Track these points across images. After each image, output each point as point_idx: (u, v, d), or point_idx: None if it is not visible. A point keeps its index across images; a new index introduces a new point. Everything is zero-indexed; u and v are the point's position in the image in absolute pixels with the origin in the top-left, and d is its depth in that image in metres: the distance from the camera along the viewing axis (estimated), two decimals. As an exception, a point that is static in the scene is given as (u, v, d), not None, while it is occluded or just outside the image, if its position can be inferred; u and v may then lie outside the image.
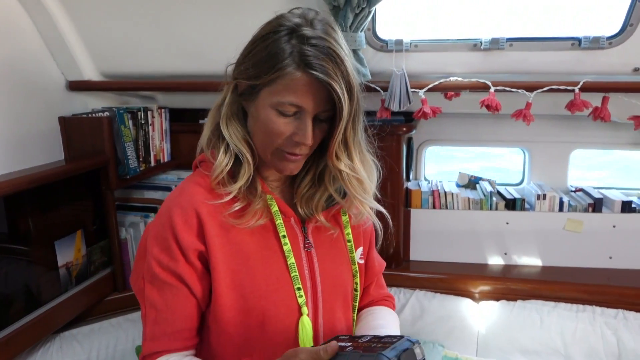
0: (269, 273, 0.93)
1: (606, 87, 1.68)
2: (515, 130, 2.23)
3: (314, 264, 0.98)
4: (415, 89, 1.74)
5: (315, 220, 1.00)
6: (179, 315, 0.93)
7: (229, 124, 0.94)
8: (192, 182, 0.98)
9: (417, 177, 2.41)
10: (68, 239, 1.68)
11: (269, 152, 0.92)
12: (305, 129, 0.88)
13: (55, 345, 1.71)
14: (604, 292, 1.92)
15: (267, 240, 0.95)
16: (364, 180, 0.96)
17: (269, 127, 0.89)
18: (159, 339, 0.92)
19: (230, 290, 0.92)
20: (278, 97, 0.86)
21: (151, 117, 2.01)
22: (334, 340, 0.81)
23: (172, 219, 0.92)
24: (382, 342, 0.79)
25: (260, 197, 0.95)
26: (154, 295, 0.93)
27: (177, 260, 0.91)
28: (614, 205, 2.09)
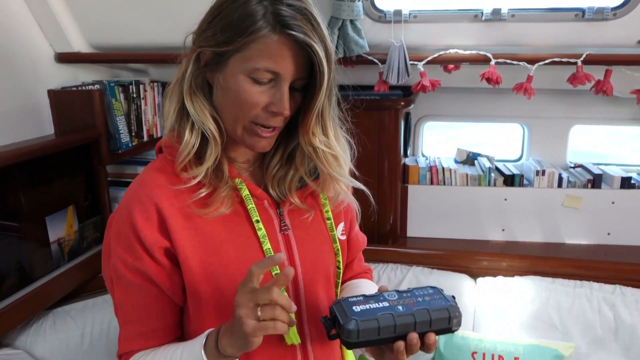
0: (243, 261, 0.86)
1: (609, 60, 1.64)
2: (515, 106, 2.19)
3: (292, 247, 0.92)
4: (414, 61, 1.70)
5: (289, 202, 0.93)
6: (150, 314, 0.87)
7: (193, 99, 0.85)
8: (153, 169, 0.90)
9: (415, 153, 2.38)
10: (59, 215, 1.65)
11: (240, 127, 0.84)
12: (282, 98, 0.81)
13: (48, 321, 1.69)
14: (601, 268, 1.91)
15: (240, 227, 0.88)
16: (340, 157, 0.90)
17: (241, 97, 0.81)
18: (133, 339, 0.88)
19: (204, 284, 0.86)
20: (251, 62, 0.79)
21: (143, 90, 1.96)
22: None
23: (132, 216, 0.84)
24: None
25: (227, 183, 0.87)
26: (122, 295, 0.88)
27: (142, 259, 0.84)
28: (614, 181, 2.07)
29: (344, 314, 0.74)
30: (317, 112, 0.84)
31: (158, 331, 0.88)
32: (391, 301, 0.77)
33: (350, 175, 0.94)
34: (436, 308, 0.77)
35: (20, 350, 1.60)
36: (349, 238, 1.06)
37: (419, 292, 0.81)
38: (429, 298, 0.79)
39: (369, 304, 0.76)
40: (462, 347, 1.80)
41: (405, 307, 0.76)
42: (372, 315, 0.74)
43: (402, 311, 0.75)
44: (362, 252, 1.15)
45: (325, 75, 0.79)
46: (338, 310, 0.76)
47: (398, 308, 0.76)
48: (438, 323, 0.76)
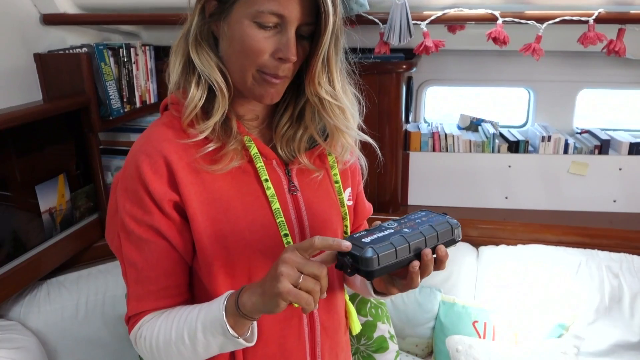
0: (252, 220, 0.85)
1: (623, 18, 1.56)
2: (521, 69, 2.12)
3: (300, 208, 0.90)
4: (416, 21, 1.61)
5: (298, 162, 0.91)
6: (161, 271, 0.85)
7: (199, 51, 0.83)
8: (159, 124, 0.88)
9: (416, 119, 2.31)
10: (50, 184, 1.60)
11: (249, 77, 0.81)
12: (288, 43, 0.78)
13: (42, 291, 1.66)
14: (607, 235, 1.88)
15: (249, 186, 0.86)
16: (346, 109, 0.87)
17: (246, 44, 0.78)
18: (144, 298, 0.85)
19: (213, 242, 0.84)
20: (256, 6, 0.76)
21: (134, 54, 1.88)
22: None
23: (140, 169, 0.82)
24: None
25: (236, 138, 0.85)
26: (132, 252, 0.85)
27: (152, 213, 0.83)
28: (621, 147, 2.02)
29: (357, 246, 0.72)
30: (323, 58, 0.80)
31: (170, 289, 0.86)
32: (394, 227, 0.78)
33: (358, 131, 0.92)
34: (437, 223, 0.78)
35: (14, 322, 1.58)
36: (355, 204, 1.05)
37: (414, 216, 0.82)
38: (425, 218, 0.80)
39: (375, 234, 0.76)
40: (463, 315, 1.78)
41: (410, 229, 0.77)
42: (384, 240, 0.73)
43: (409, 232, 0.76)
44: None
45: (331, 17, 0.76)
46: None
47: (404, 230, 0.76)
48: (444, 236, 0.78)
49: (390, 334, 1.71)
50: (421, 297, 1.82)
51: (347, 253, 0.73)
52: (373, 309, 1.70)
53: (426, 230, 0.76)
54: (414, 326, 1.84)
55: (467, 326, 1.77)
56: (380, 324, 1.69)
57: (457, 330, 1.77)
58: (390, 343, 1.70)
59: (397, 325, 1.83)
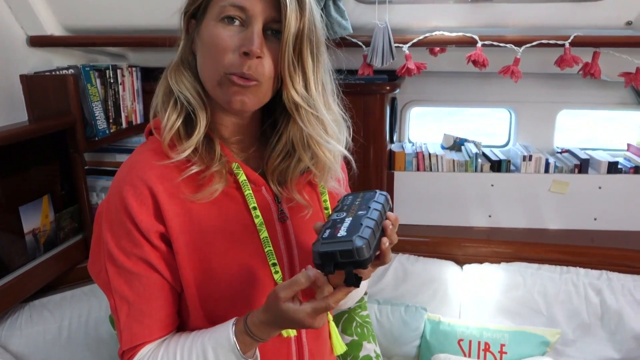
0: (239, 250, 0.84)
1: (597, 42, 1.61)
2: (501, 90, 2.17)
3: (290, 237, 0.89)
4: (399, 43, 1.65)
5: (288, 195, 0.89)
6: (154, 304, 0.83)
7: (176, 72, 0.84)
8: (143, 150, 0.86)
9: (401, 139, 2.35)
10: (34, 205, 1.59)
11: (217, 80, 0.79)
12: (251, 36, 0.76)
13: (24, 314, 1.64)
14: (588, 253, 1.90)
15: (237, 213, 0.85)
16: (326, 122, 0.84)
17: (213, 43, 0.78)
18: (138, 332, 0.83)
19: (199, 274, 0.83)
20: (220, 2, 0.78)
21: (121, 76, 1.89)
22: (309, 266, 0.76)
23: (125, 201, 0.80)
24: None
25: (220, 160, 0.83)
26: (122, 287, 0.82)
27: (141, 245, 0.81)
28: (600, 166, 2.06)
29: (338, 243, 0.70)
30: (290, 57, 0.78)
31: (162, 321, 0.84)
32: (347, 215, 0.76)
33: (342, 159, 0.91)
34: (375, 198, 0.79)
35: (-5, 345, 1.56)
36: None
37: (348, 202, 0.81)
38: (361, 199, 0.81)
39: (340, 227, 0.73)
40: (449, 334, 1.78)
41: (362, 210, 0.77)
42: (358, 226, 0.72)
43: (366, 213, 0.75)
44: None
45: (288, 11, 0.75)
46: (329, 247, 0.71)
47: (360, 213, 0.76)
48: (387, 206, 0.80)
49: (376, 353, 1.71)
50: (407, 316, 1.83)
51: (329, 256, 0.70)
52: (359, 328, 1.70)
53: (374, 205, 0.77)
54: (400, 345, 1.84)
55: (453, 344, 1.77)
56: (366, 344, 1.69)
57: (442, 348, 1.78)
58: (376, 362, 1.70)
59: (383, 344, 1.83)
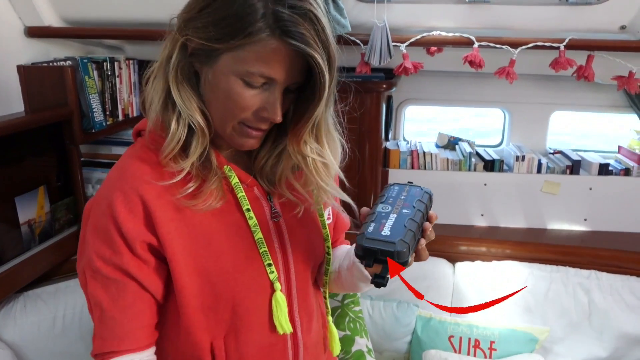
0: (235, 252, 0.84)
1: (592, 45, 1.64)
2: (496, 91, 2.19)
3: (283, 235, 0.90)
4: (396, 43, 1.66)
5: (279, 193, 0.90)
6: (128, 314, 0.81)
7: (181, 90, 0.78)
8: (134, 158, 0.84)
9: (396, 137, 2.36)
10: (29, 195, 1.59)
11: (229, 127, 0.80)
12: (274, 104, 0.76)
13: (19, 304, 1.64)
14: (577, 253, 1.93)
15: (230, 216, 0.84)
16: (329, 164, 0.84)
17: (231, 99, 0.76)
18: (108, 339, 0.81)
19: (194, 278, 0.81)
20: (246, 66, 0.73)
21: (118, 68, 1.89)
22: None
23: (113, 207, 0.78)
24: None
25: (216, 174, 0.83)
26: (97, 291, 0.81)
27: (122, 254, 0.79)
28: (592, 167, 2.09)
29: (383, 242, 0.74)
30: (312, 123, 0.79)
31: (136, 331, 0.82)
32: (393, 210, 0.80)
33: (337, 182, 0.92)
34: (420, 196, 0.82)
35: (-11, 334, 1.56)
36: (334, 219, 1.05)
37: (394, 193, 0.84)
38: (406, 194, 0.84)
39: (384, 222, 0.77)
40: (440, 331, 1.81)
41: (407, 208, 0.79)
42: (401, 227, 0.76)
43: (410, 212, 0.78)
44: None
45: (326, 85, 0.74)
46: (372, 244, 0.75)
47: (404, 211, 0.78)
48: (429, 206, 0.84)
49: (368, 348, 1.73)
50: (398, 312, 1.85)
51: (371, 252, 0.74)
52: (351, 323, 1.72)
53: (419, 205, 0.80)
54: (391, 340, 1.86)
55: (444, 341, 1.80)
56: (358, 338, 1.71)
57: (433, 344, 1.80)
58: (368, 357, 1.72)
59: (375, 339, 1.85)
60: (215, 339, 0.86)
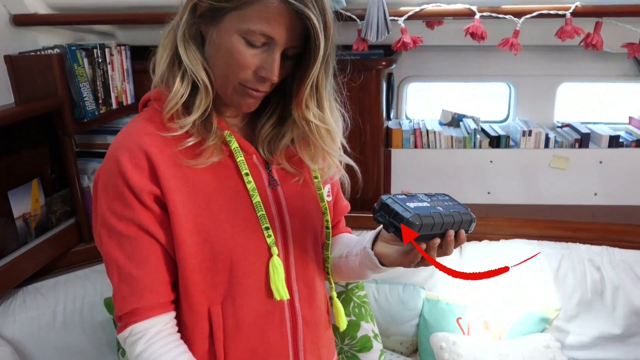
0: (233, 214, 0.86)
1: (600, 12, 1.56)
2: (501, 64, 2.12)
3: (281, 202, 0.92)
4: (394, 17, 1.60)
5: (278, 162, 0.94)
6: (145, 268, 0.83)
7: (187, 48, 0.83)
8: (139, 119, 0.88)
9: (398, 116, 2.30)
10: (23, 189, 1.56)
11: (230, 86, 0.84)
12: (272, 64, 0.80)
13: (18, 299, 1.62)
14: (588, 229, 1.88)
15: (229, 179, 0.88)
16: (332, 131, 0.89)
17: (233, 57, 0.80)
18: (127, 297, 0.83)
19: (193, 235, 0.83)
20: (248, 23, 0.78)
21: (109, 55, 1.84)
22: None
23: (120, 163, 0.82)
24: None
25: (215, 134, 0.86)
26: (113, 250, 0.83)
27: (133, 207, 0.82)
28: (601, 140, 2.03)
29: (403, 208, 0.77)
30: (312, 84, 0.83)
31: (155, 286, 0.84)
32: (429, 202, 0.81)
33: (341, 148, 0.94)
34: (463, 212, 0.82)
35: (-11, 331, 1.54)
36: (334, 200, 1.06)
37: (441, 197, 0.86)
38: (452, 203, 0.85)
39: (416, 202, 0.80)
40: (447, 313, 1.77)
41: (444, 208, 0.81)
42: (427, 212, 0.78)
43: (443, 211, 0.79)
44: (346, 219, 1.14)
45: (321, 47, 0.78)
46: (392, 204, 0.79)
47: (439, 208, 0.80)
48: (464, 224, 0.83)
49: (374, 332, 1.70)
50: (405, 295, 1.82)
51: (392, 210, 0.77)
52: (357, 308, 1.69)
53: (455, 215, 0.80)
54: (398, 324, 1.83)
55: (451, 323, 1.76)
56: (364, 323, 1.68)
57: (441, 327, 1.77)
58: (375, 342, 1.69)
59: (381, 323, 1.82)
60: (212, 304, 0.87)
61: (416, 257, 0.83)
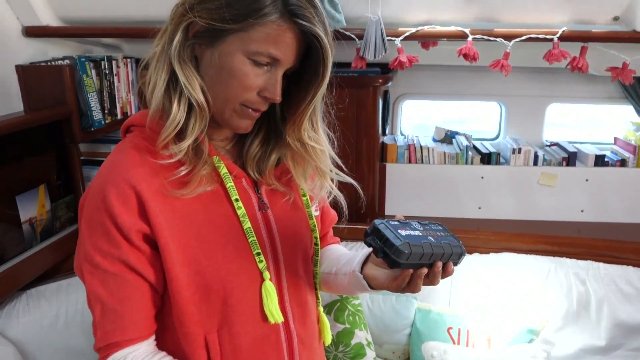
0: (224, 242, 0.85)
1: (585, 37, 1.65)
2: (492, 84, 2.20)
3: (271, 226, 0.91)
4: (391, 37, 1.68)
5: (267, 182, 0.92)
6: (129, 306, 0.81)
7: (184, 69, 0.80)
8: (125, 148, 0.84)
9: (393, 132, 2.38)
10: (30, 194, 1.61)
11: (230, 108, 0.82)
12: (275, 85, 0.80)
13: (21, 302, 1.66)
14: (574, 244, 1.95)
15: (219, 206, 0.86)
16: (326, 151, 0.90)
17: (237, 78, 0.79)
18: (110, 332, 0.82)
19: (185, 268, 0.82)
20: (254, 45, 0.77)
21: (116, 67, 1.91)
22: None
23: (107, 200, 0.79)
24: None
25: (206, 162, 0.84)
26: (96, 286, 0.81)
27: (120, 246, 0.79)
28: (588, 159, 2.10)
29: (394, 235, 0.77)
30: (313, 107, 0.83)
31: (138, 322, 0.83)
32: (421, 231, 0.82)
33: (333, 165, 0.94)
34: (454, 244, 0.82)
35: (-8, 332, 1.58)
36: (322, 213, 1.07)
37: (434, 226, 0.86)
38: (444, 234, 0.84)
39: (408, 230, 0.80)
40: (438, 322, 1.82)
41: (434, 239, 0.81)
42: (417, 241, 0.78)
43: (434, 242, 0.79)
44: (340, 230, 1.16)
45: (329, 67, 0.79)
46: (386, 230, 0.79)
47: (430, 238, 0.80)
48: (454, 257, 0.82)
49: (367, 341, 1.75)
50: (398, 305, 1.87)
51: (384, 236, 0.77)
52: (351, 316, 1.74)
53: (446, 246, 0.80)
54: (390, 333, 1.88)
55: (442, 333, 1.82)
56: (357, 331, 1.73)
57: (432, 336, 1.82)
58: (368, 350, 1.74)
59: (374, 332, 1.87)
60: (208, 333, 0.86)
61: (403, 283, 0.82)
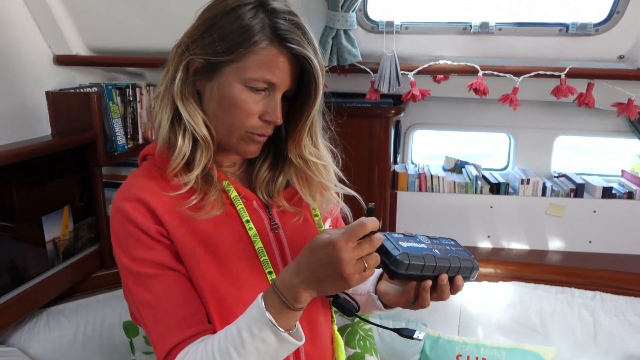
0: (238, 261, 0.88)
1: (591, 74, 1.71)
2: (501, 116, 2.25)
3: (283, 246, 0.94)
4: (404, 71, 1.75)
5: (277, 204, 0.95)
6: (176, 302, 0.84)
7: (186, 105, 0.86)
8: (138, 176, 0.90)
9: (404, 161, 2.43)
10: (55, 215, 1.67)
11: (236, 136, 0.87)
12: (275, 108, 0.85)
13: (42, 320, 1.71)
14: (582, 274, 1.97)
15: (232, 227, 0.89)
16: (328, 166, 0.93)
17: (238, 107, 0.84)
18: (167, 334, 0.83)
19: (202, 283, 0.85)
20: (249, 73, 0.82)
21: (139, 94, 1.99)
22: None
23: (126, 212, 0.84)
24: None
25: (216, 187, 0.89)
26: (142, 294, 0.84)
27: (152, 247, 0.84)
28: (595, 191, 2.14)
29: (394, 246, 0.78)
30: (309, 124, 0.88)
31: (190, 318, 0.84)
32: (427, 244, 0.82)
33: (338, 182, 0.97)
34: (463, 258, 0.82)
35: (15, 348, 1.62)
36: (334, 227, 1.08)
37: (445, 241, 0.86)
38: (455, 248, 0.85)
39: (411, 243, 0.80)
40: (447, 349, 1.85)
41: (441, 252, 0.81)
42: (418, 252, 0.79)
43: (439, 254, 0.80)
44: None
45: (320, 87, 0.83)
46: (387, 242, 0.79)
47: (435, 251, 0.81)
48: (464, 271, 0.82)
49: (377, 366, 1.78)
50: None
51: (383, 248, 0.77)
52: (361, 341, 1.77)
53: (453, 260, 0.81)
54: (400, 359, 1.90)
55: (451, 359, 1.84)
56: (368, 356, 1.76)
57: (441, 363, 1.84)
58: (377, 375, 1.76)
59: (384, 357, 1.89)
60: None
61: (410, 297, 0.83)
